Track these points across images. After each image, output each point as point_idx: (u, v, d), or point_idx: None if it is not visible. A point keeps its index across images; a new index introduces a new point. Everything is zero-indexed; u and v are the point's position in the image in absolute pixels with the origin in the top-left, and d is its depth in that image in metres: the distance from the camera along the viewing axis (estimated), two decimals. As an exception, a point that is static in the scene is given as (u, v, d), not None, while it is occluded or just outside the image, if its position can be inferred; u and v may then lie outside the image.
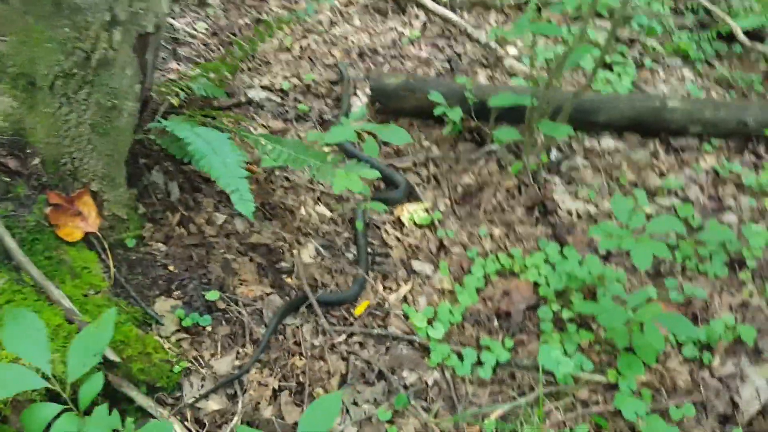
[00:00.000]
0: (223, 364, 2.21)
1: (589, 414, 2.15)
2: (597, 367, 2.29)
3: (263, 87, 3.52)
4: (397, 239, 2.78)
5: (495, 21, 4.28)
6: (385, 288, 2.58)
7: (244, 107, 3.37)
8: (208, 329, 2.29)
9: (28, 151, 2.18)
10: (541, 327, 2.41)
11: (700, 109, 3.37)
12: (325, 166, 2.51)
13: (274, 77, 3.60)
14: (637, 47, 4.15)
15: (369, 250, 2.72)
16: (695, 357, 2.34)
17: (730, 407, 2.17)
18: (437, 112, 3.17)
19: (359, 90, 3.61)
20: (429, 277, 2.64)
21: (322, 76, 3.67)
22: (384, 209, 2.60)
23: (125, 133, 2.27)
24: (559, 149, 3.32)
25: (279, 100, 3.48)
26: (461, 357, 2.30)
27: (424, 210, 2.89)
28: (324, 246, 2.70)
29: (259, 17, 3.98)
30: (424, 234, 2.81)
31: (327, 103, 3.52)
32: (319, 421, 1.57)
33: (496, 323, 2.46)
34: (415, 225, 2.84)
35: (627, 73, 3.87)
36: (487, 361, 2.29)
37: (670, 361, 2.31)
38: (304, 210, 2.82)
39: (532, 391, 2.22)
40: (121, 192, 2.37)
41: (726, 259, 2.70)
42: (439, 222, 2.86)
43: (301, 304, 2.43)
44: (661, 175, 3.19)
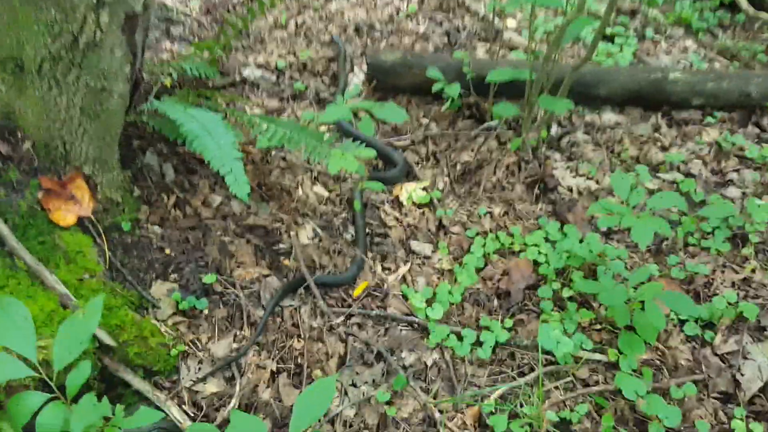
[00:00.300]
0: (221, 347, 2.20)
1: (590, 393, 2.14)
2: (597, 346, 2.27)
3: (258, 65, 3.47)
4: (396, 219, 2.75)
5: (494, -7, 4.21)
6: (383, 269, 2.56)
7: (239, 86, 3.32)
8: (205, 312, 2.28)
9: (19, 135, 2.15)
10: (541, 306, 2.39)
11: (703, 81, 3.31)
12: (321, 146, 2.48)
13: (270, 55, 3.54)
14: (638, 18, 4.08)
15: (367, 231, 2.69)
16: (697, 335, 2.32)
17: (732, 385, 2.15)
18: (435, 88, 3.12)
19: (356, 67, 3.55)
20: (428, 257, 2.61)
21: (318, 53, 3.61)
22: (382, 189, 2.57)
23: (116, 115, 2.23)
24: (559, 124, 3.27)
25: (274, 78, 3.43)
26: (460, 337, 2.28)
27: (423, 189, 2.85)
28: (322, 227, 2.68)
29: (254, -7, 3.92)
30: (423, 213, 2.78)
31: (323, 81, 3.46)
32: (314, 405, 1.55)
33: (495, 303, 2.43)
34: (413, 204, 2.81)
35: (628, 45, 3.80)
36: (487, 341, 2.27)
37: (671, 340, 2.29)
38: (301, 190, 2.79)
39: (531, 371, 2.20)
40: (114, 175, 2.35)
41: (729, 234, 2.67)
42: (438, 201, 2.83)
43: (299, 285, 2.41)
44: (663, 149, 3.14)
